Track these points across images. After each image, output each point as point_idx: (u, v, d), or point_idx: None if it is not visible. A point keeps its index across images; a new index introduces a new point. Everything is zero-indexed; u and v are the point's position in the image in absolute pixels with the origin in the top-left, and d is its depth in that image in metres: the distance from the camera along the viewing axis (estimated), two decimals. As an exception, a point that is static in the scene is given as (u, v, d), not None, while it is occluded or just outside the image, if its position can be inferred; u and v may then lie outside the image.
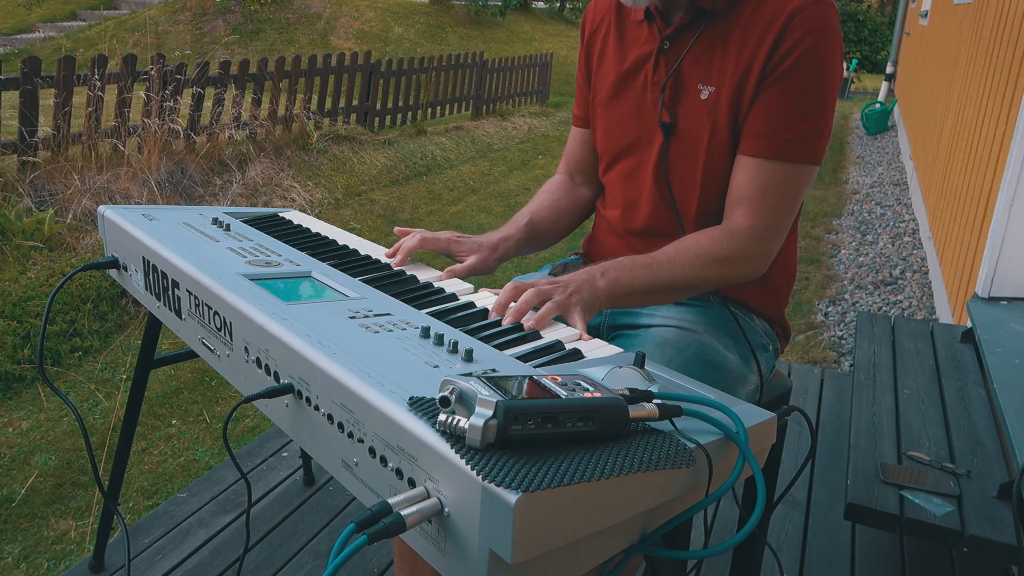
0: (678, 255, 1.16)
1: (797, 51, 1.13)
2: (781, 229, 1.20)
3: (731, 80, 1.17)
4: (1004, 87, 3.06)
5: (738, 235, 1.17)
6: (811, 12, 1.13)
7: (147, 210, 1.46)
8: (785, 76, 1.14)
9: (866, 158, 7.98)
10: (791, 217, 1.21)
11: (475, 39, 12.68)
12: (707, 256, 1.16)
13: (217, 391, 3.16)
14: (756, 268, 1.21)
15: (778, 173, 1.16)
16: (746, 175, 1.18)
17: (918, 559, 1.87)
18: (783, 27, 1.13)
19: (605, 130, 1.36)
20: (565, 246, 5.06)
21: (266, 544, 1.89)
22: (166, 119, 5.07)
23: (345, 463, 0.82)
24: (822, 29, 1.13)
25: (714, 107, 1.19)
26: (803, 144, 1.16)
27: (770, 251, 1.20)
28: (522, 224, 1.38)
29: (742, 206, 1.18)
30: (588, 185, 1.48)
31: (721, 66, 1.18)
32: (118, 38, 10.51)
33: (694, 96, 1.21)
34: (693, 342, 1.19)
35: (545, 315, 1.03)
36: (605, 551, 0.74)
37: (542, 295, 1.05)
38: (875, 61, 15.62)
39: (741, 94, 1.17)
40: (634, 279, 1.12)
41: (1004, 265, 2.64)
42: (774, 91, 1.15)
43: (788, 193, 1.18)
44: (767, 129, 1.16)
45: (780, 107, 1.15)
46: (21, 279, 3.58)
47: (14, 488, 2.47)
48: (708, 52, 1.20)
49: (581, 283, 1.08)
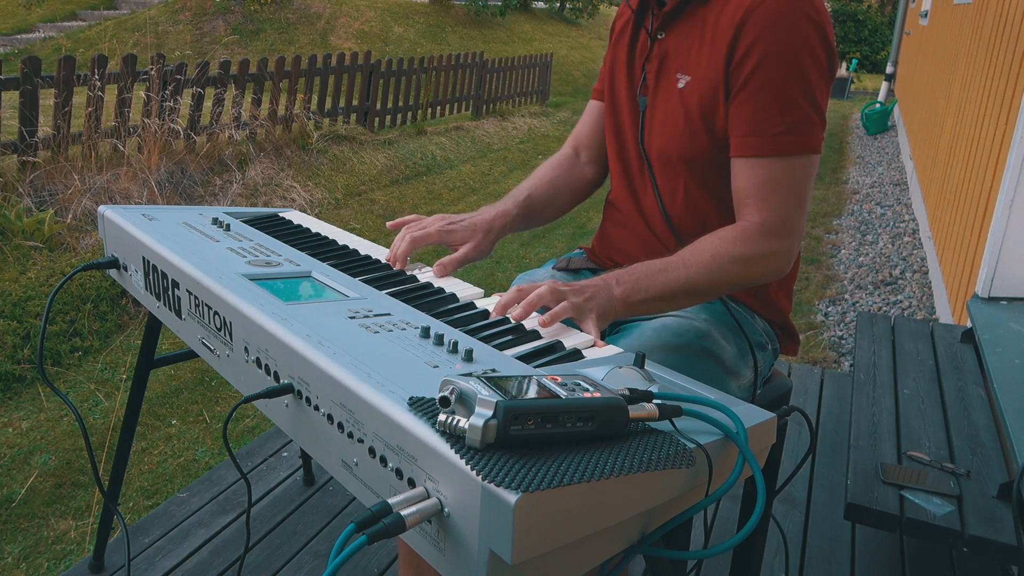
0: (693, 257, 1.14)
1: (757, 50, 1.12)
2: (794, 223, 1.17)
3: (704, 71, 1.18)
4: (1004, 87, 3.06)
5: (750, 232, 1.16)
6: (768, 7, 1.11)
7: (147, 210, 1.46)
8: (751, 80, 1.13)
9: (866, 158, 7.98)
10: (802, 210, 1.18)
11: (475, 39, 12.67)
12: (722, 256, 1.14)
13: (217, 391, 3.16)
14: (779, 266, 1.18)
15: (775, 169, 1.15)
16: (744, 175, 1.17)
17: (918, 559, 1.87)
18: (740, 24, 1.12)
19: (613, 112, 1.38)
20: (565, 246, 5.06)
21: (266, 544, 1.90)
22: (166, 119, 5.07)
23: (345, 463, 0.82)
24: (780, 22, 1.11)
25: (688, 96, 1.21)
26: (792, 135, 1.14)
27: (788, 247, 1.18)
28: (520, 199, 1.37)
29: (747, 205, 1.17)
30: (593, 163, 1.48)
31: (697, 55, 1.20)
32: (118, 38, 10.51)
33: (672, 83, 1.23)
34: (691, 329, 1.19)
35: (559, 313, 1.01)
36: (605, 551, 0.74)
37: (558, 295, 1.03)
38: (875, 61, 15.60)
39: (713, 89, 1.17)
40: (650, 285, 1.10)
41: (1004, 265, 2.64)
42: (746, 95, 1.14)
43: (791, 186, 1.16)
44: (751, 128, 1.15)
45: (759, 105, 1.14)
46: (21, 279, 3.58)
47: (14, 488, 2.47)
48: (689, 38, 1.21)
49: (598, 288, 1.07)
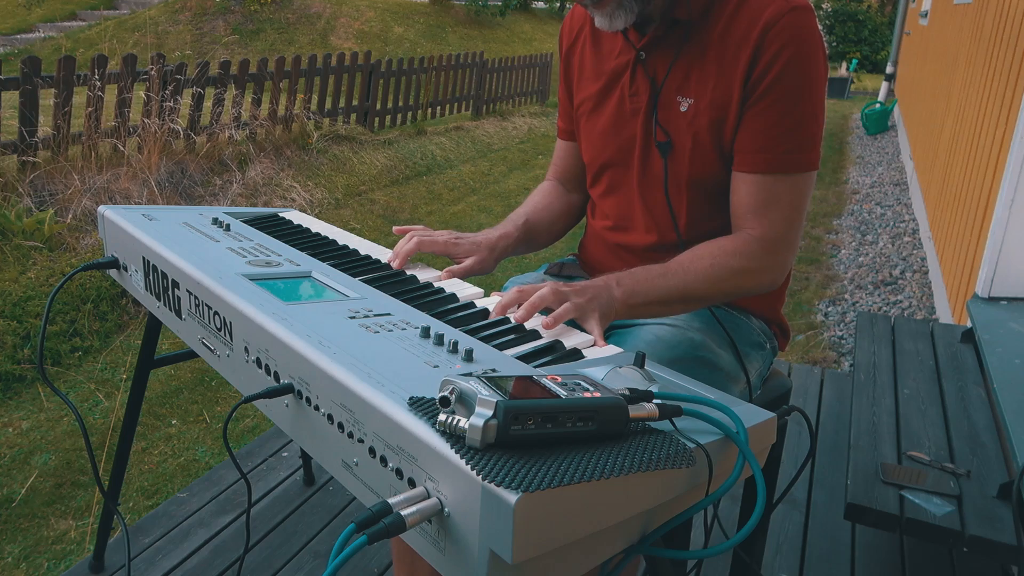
0: (692, 265, 1.15)
1: (777, 65, 1.11)
2: (791, 239, 1.19)
3: (712, 92, 1.16)
4: (1004, 87, 3.06)
5: (750, 245, 1.17)
6: (786, 21, 1.11)
7: (147, 210, 1.46)
8: (769, 92, 1.13)
9: (866, 158, 7.98)
10: (800, 226, 1.20)
11: (475, 39, 12.67)
12: (721, 267, 1.15)
13: (217, 391, 3.16)
14: (773, 279, 1.20)
15: (779, 186, 1.16)
16: (747, 190, 1.18)
17: (918, 559, 1.87)
18: (759, 40, 1.12)
19: (588, 143, 1.36)
20: (565, 246, 5.07)
21: (266, 544, 1.90)
22: (166, 119, 5.06)
23: (345, 463, 0.82)
24: (799, 37, 1.12)
25: (694, 119, 1.19)
26: (799, 154, 1.15)
27: (784, 262, 1.20)
28: (520, 223, 1.38)
29: (749, 219, 1.18)
30: (578, 191, 1.49)
31: (700, 78, 1.18)
32: (118, 38, 10.51)
33: (674, 108, 1.21)
34: (685, 340, 1.19)
35: (563, 315, 1.02)
36: (605, 551, 0.74)
37: (560, 296, 1.04)
38: (875, 61, 15.60)
39: (725, 108, 1.16)
40: (649, 289, 1.12)
41: (1004, 265, 2.64)
42: (761, 107, 1.14)
43: (793, 203, 1.17)
44: (760, 145, 1.15)
45: (770, 122, 1.14)
46: (21, 279, 3.58)
47: (14, 488, 2.47)
48: (685, 64, 1.19)
49: (599, 289, 1.08)
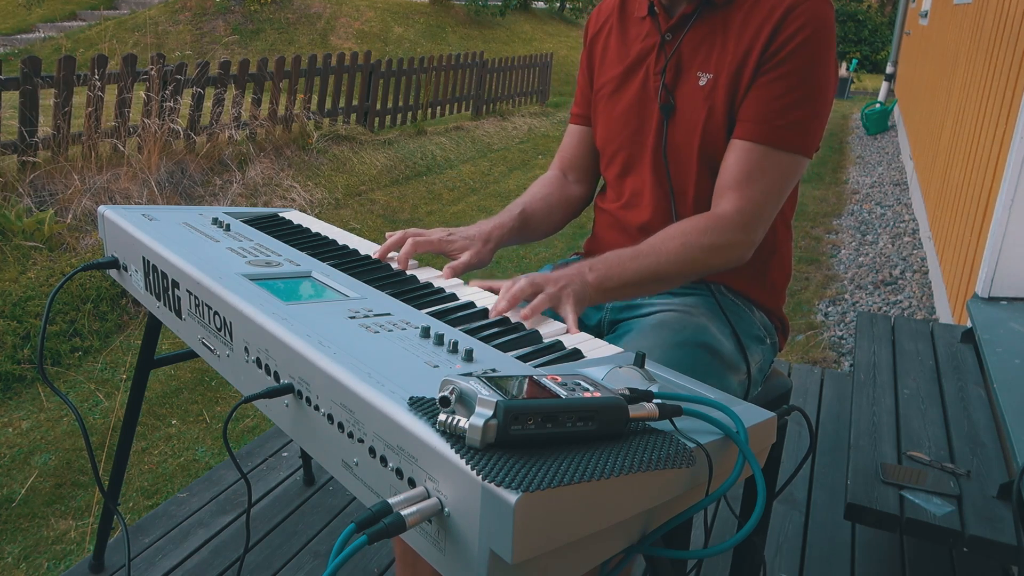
0: (663, 244, 1.18)
1: (794, 41, 1.16)
2: (766, 216, 1.22)
3: (729, 67, 1.20)
4: (1004, 87, 3.06)
5: (723, 222, 1.19)
6: (809, 6, 1.17)
7: (147, 210, 1.46)
8: (781, 64, 1.17)
9: (866, 158, 7.98)
10: (776, 205, 1.23)
11: (475, 39, 12.67)
12: (692, 245, 1.18)
13: (217, 391, 3.16)
14: (741, 255, 1.22)
15: (766, 159, 1.19)
16: (735, 158, 1.20)
17: (918, 559, 1.87)
18: (782, 17, 1.17)
19: (607, 122, 1.38)
20: (565, 245, 5.07)
21: (266, 544, 1.89)
22: (166, 119, 5.06)
23: (345, 463, 0.82)
24: (819, 23, 1.17)
25: (711, 92, 1.22)
26: (792, 132, 1.18)
27: (754, 238, 1.22)
28: (515, 213, 1.39)
29: (729, 192, 1.20)
30: (581, 183, 1.50)
31: (720, 54, 1.21)
32: (118, 38, 10.51)
33: (692, 82, 1.24)
34: (689, 324, 1.20)
35: (538, 305, 1.06)
36: (605, 551, 0.74)
37: (535, 286, 1.08)
38: (875, 61, 15.59)
39: (738, 80, 1.20)
40: (622, 271, 1.15)
41: (1004, 265, 2.64)
42: (768, 78, 1.18)
43: (775, 180, 1.20)
44: (758, 114, 1.18)
45: (773, 94, 1.17)
46: (21, 279, 3.58)
47: (14, 488, 2.47)
48: (708, 40, 1.23)
49: (571, 277, 1.11)
